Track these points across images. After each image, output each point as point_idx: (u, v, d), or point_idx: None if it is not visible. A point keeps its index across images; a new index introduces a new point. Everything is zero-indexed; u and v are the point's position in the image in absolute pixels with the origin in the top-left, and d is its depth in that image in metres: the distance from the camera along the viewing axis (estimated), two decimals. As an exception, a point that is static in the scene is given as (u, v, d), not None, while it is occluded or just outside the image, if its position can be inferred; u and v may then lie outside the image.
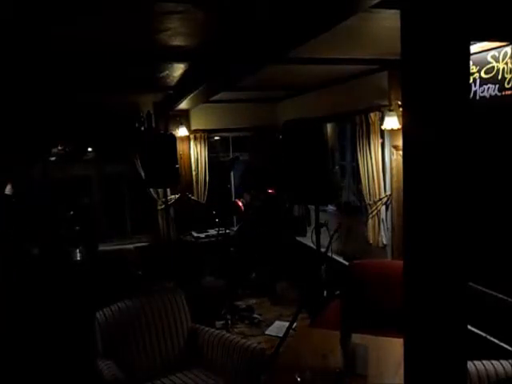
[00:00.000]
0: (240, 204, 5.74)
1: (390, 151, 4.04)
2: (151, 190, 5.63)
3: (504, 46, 2.64)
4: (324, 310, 3.48)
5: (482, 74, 2.82)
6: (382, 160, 4.16)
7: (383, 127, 3.91)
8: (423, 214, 1.12)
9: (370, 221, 4.29)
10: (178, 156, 4.86)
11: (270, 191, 5.64)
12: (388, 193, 4.14)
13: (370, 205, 4.25)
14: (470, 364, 2.12)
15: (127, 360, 2.83)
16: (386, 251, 4.26)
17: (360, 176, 4.36)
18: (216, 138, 6.48)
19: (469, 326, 2.75)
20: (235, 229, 6.07)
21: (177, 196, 5.76)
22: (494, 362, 2.17)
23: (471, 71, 2.83)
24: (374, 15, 2.25)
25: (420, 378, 1.18)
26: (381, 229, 4.22)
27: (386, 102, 3.93)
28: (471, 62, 2.83)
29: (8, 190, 4.52)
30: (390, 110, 3.80)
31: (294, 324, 3.14)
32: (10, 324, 3.84)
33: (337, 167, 5.30)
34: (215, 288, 4.88)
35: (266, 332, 4.47)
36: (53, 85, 4.29)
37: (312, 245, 4.22)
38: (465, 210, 1.09)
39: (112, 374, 2.54)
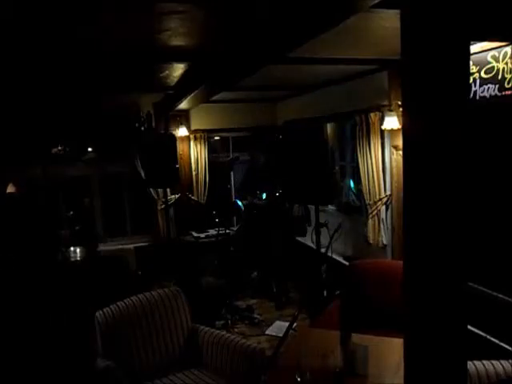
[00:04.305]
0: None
1: (390, 151, 4.04)
2: (151, 189, 5.64)
3: (504, 45, 2.64)
4: (324, 310, 3.48)
5: (482, 74, 2.82)
6: (382, 160, 4.16)
7: (383, 127, 3.91)
8: (423, 213, 1.12)
9: (369, 221, 4.28)
10: (178, 156, 4.86)
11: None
12: (388, 193, 4.14)
13: (370, 205, 4.25)
14: (469, 364, 2.12)
15: (127, 360, 2.83)
16: (385, 251, 4.26)
17: (360, 176, 4.36)
18: (216, 138, 6.48)
19: (469, 326, 2.75)
20: (235, 229, 6.07)
21: (177, 196, 5.76)
22: (493, 362, 2.17)
23: (471, 71, 2.83)
24: (373, 15, 2.25)
25: (420, 377, 1.18)
26: (381, 229, 4.22)
27: (386, 102, 3.93)
28: (471, 62, 2.83)
29: (10, 188, 4.50)
30: (390, 110, 3.79)
31: (294, 324, 3.14)
32: (10, 324, 3.83)
33: (337, 167, 5.32)
34: (215, 288, 4.88)
35: (266, 332, 4.47)
36: (53, 85, 4.29)
37: (312, 245, 4.22)
38: (465, 209, 1.09)
39: (111, 373, 2.54)
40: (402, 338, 1.21)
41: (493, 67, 2.74)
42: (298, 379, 2.04)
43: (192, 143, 5.88)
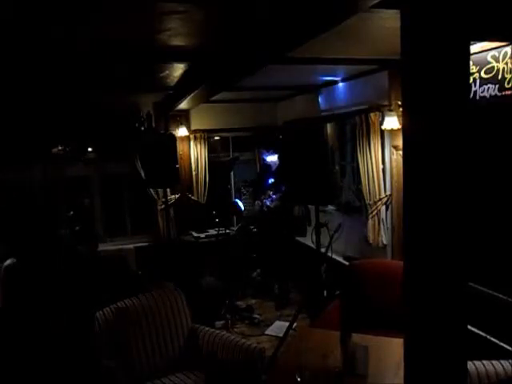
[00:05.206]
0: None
1: (390, 151, 4.04)
2: (151, 189, 5.63)
3: (504, 45, 2.64)
4: (324, 310, 3.48)
5: (482, 74, 2.82)
6: (382, 160, 4.16)
7: (383, 127, 3.91)
8: (423, 214, 1.12)
9: (369, 221, 4.28)
10: (178, 156, 4.86)
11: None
12: (388, 193, 4.14)
13: (370, 205, 4.25)
14: (469, 364, 2.12)
15: (127, 360, 2.83)
16: (386, 251, 4.26)
17: (360, 176, 4.36)
18: (216, 138, 6.48)
19: (469, 326, 2.75)
20: (235, 229, 6.07)
21: (177, 196, 5.76)
22: (494, 362, 2.17)
23: (471, 71, 2.83)
24: (374, 15, 2.25)
25: (420, 378, 1.18)
26: (381, 229, 4.22)
27: (386, 102, 3.93)
28: (471, 62, 2.83)
29: None
30: (390, 110, 3.79)
31: (294, 324, 3.14)
32: (11, 324, 3.83)
33: (337, 167, 5.31)
34: (215, 288, 4.88)
35: (266, 332, 4.47)
36: (53, 85, 4.29)
37: (312, 245, 4.22)
38: (465, 209, 1.09)
39: (111, 371, 2.54)
40: (402, 337, 1.22)
41: (493, 67, 2.74)
42: (298, 379, 2.04)
43: (192, 143, 5.88)
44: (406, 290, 1.18)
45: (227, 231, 5.26)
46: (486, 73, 2.80)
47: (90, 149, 5.71)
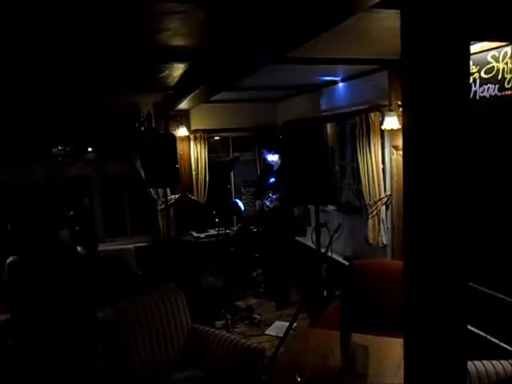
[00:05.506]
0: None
1: (390, 151, 4.04)
2: (151, 189, 5.63)
3: (504, 45, 2.64)
4: (324, 310, 3.48)
5: (482, 74, 2.82)
6: (382, 160, 4.16)
7: (383, 127, 3.91)
8: (423, 214, 1.12)
9: (370, 221, 4.28)
10: (178, 156, 4.86)
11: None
12: (388, 193, 4.14)
13: (370, 205, 4.25)
14: (469, 364, 2.12)
15: (127, 360, 2.83)
16: (386, 251, 4.26)
17: (360, 176, 4.36)
18: (216, 138, 6.48)
19: (469, 326, 2.74)
20: (235, 229, 6.07)
21: (177, 196, 5.76)
22: (494, 362, 2.17)
23: (471, 71, 2.83)
24: (373, 15, 2.25)
25: (420, 378, 1.18)
26: (381, 229, 4.22)
27: (386, 102, 3.93)
28: (471, 62, 2.83)
29: None
30: (390, 110, 3.79)
31: (294, 324, 3.14)
32: (11, 325, 3.83)
33: (337, 167, 5.31)
34: (215, 288, 4.88)
35: (266, 332, 4.47)
36: (53, 85, 4.29)
37: (312, 245, 4.22)
38: (465, 209, 1.09)
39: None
40: (402, 337, 1.22)
41: (493, 67, 2.74)
42: (298, 379, 2.04)
43: (192, 143, 5.88)
44: (406, 290, 1.18)
45: (227, 231, 5.26)
46: (485, 73, 2.80)
47: (90, 149, 5.71)
